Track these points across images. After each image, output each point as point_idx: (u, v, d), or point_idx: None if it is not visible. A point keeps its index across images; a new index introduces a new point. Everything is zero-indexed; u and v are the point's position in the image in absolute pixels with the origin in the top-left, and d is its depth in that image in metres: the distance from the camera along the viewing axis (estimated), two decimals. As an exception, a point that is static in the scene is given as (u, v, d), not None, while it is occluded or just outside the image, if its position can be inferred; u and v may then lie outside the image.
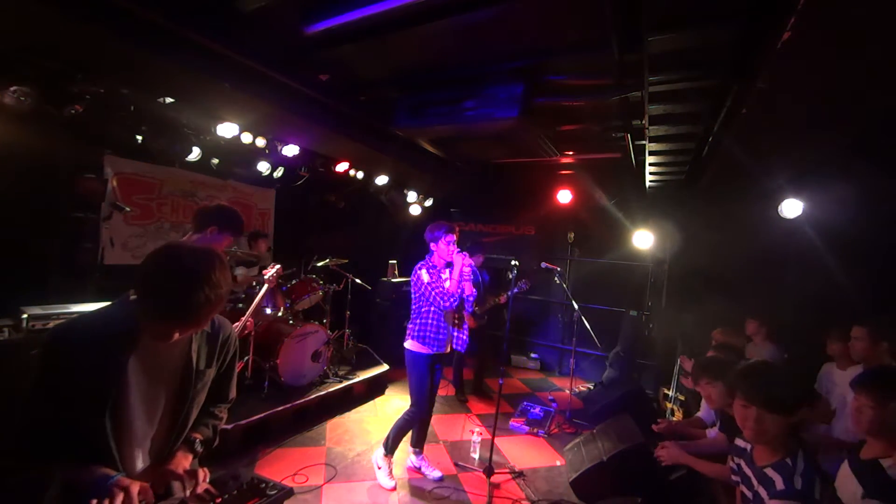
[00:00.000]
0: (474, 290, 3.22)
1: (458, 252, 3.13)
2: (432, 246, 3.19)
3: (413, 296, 3.21)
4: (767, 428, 1.60)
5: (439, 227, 3.17)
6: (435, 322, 3.12)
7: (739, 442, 1.89)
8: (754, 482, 1.66)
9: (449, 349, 3.23)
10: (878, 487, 1.55)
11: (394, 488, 3.19)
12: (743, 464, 1.77)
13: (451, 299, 3.06)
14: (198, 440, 1.48)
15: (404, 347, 3.20)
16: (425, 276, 3.11)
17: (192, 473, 1.38)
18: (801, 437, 1.67)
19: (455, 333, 3.22)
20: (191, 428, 1.48)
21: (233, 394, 1.67)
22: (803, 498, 1.45)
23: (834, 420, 2.75)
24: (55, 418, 1.20)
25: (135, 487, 1.20)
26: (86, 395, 1.20)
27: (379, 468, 3.28)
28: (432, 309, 3.13)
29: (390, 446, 3.28)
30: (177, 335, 1.22)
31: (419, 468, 3.44)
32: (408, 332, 3.21)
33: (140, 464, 1.34)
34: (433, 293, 3.07)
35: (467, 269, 3.16)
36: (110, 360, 1.22)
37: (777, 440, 1.62)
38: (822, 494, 1.46)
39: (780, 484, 1.51)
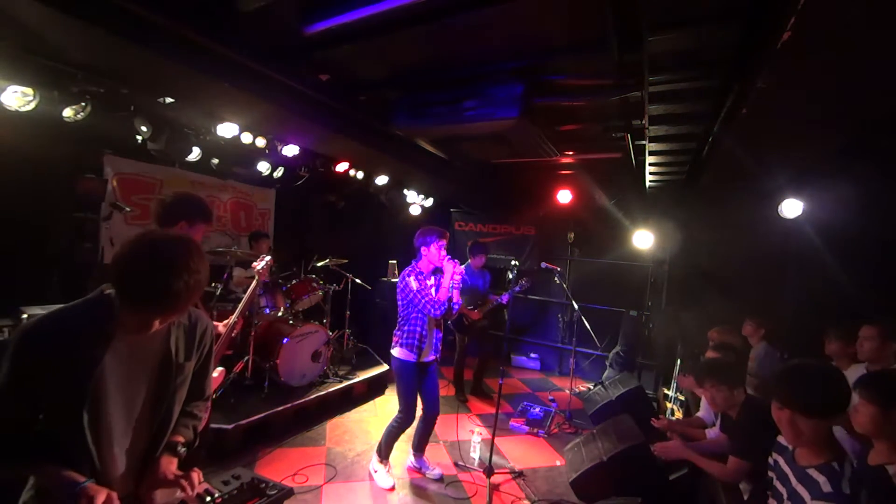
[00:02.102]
0: (460, 299, 3.20)
1: (449, 259, 3.11)
2: (423, 251, 3.17)
3: (400, 303, 3.17)
4: (802, 431, 1.57)
5: (431, 233, 3.15)
6: (421, 329, 3.11)
7: (781, 439, 1.86)
8: (792, 480, 1.64)
9: (433, 356, 3.23)
10: (883, 494, 1.54)
11: (392, 488, 3.19)
12: (782, 461, 1.75)
13: (441, 307, 3.05)
14: (179, 443, 1.44)
15: (391, 354, 3.18)
16: (413, 284, 3.09)
17: (185, 477, 1.35)
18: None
19: (436, 340, 3.22)
20: (172, 429, 1.43)
21: (209, 391, 1.63)
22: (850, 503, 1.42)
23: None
24: (23, 420, 1.17)
25: (101, 496, 1.16)
26: (61, 393, 1.17)
27: (376, 472, 3.29)
28: (420, 316, 3.11)
29: (383, 452, 3.29)
30: (157, 324, 1.22)
31: (419, 468, 3.45)
32: (394, 339, 3.19)
33: (120, 464, 1.30)
34: (423, 301, 3.05)
35: (457, 278, 3.12)
36: (85, 355, 1.19)
37: (819, 443, 1.58)
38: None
39: (826, 486, 1.48)
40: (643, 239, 5.32)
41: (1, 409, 1.16)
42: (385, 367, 5.21)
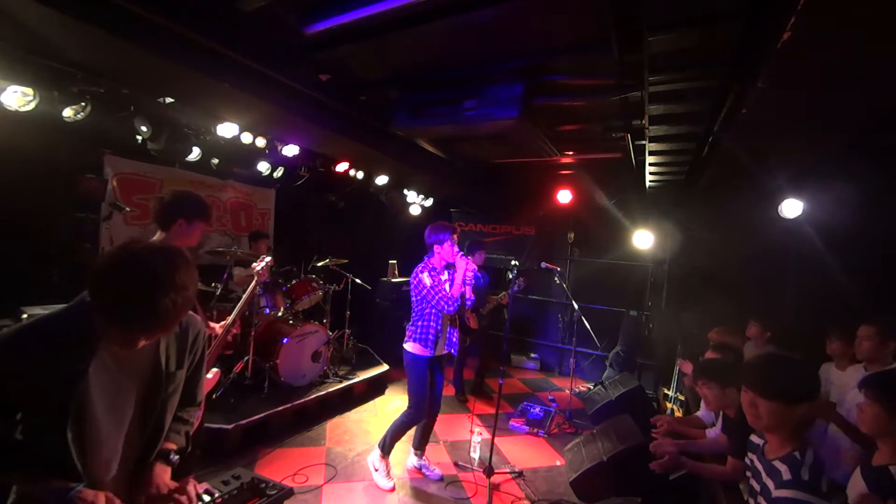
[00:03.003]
0: (473, 295, 3.21)
1: (462, 256, 3.12)
2: (436, 248, 3.16)
3: (414, 298, 3.19)
4: (760, 414, 1.61)
5: (444, 229, 3.15)
6: (436, 324, 3.12)
7: (754, 438, 1.91)
8: (763, 475, 1.66)
9: (447, 350, 3.24)
10: (888, 495, 1.54)
11: (392, 489, 3.19)
12: (755, 458, 1.79)
13: (455, 303, 3.05)
14: (172, 451, 1.40)
15: (404, 349, 3.19)
16: (427, 280, 3.09)
17: (180, 490, 1.32)
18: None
19: (450, 336, 3.23)
20: (164, 437, 1.39)
21: (201, 396, 1.57)
22: (809, 489, 1.45)
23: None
24: (9, 432, 1.12)
25: (100, 499, 1.12)
26: (43, 408, 1.11)
27: (376, 470, 3.27)
28: (433, 312, 3.11)
29: (387, 447, 3.27)
30: (143, 342, 1.13)
31: (420, 468, 3.45)
32: (408, 334, 3.20)
33: (109, 475, 1.24)
34: (437, 297, 3.05)
35: (470, 274, 3.14)
36: (67, 368, 1.11)
37: (781, 430, 1.61)
38: (829, 488, 1.47)
39: (786, 474, 1.52)
40: (643, 239, 5.32)
41: None
42: (385, 367, 5.22)
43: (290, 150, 4.67)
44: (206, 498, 1.43)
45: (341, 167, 5.37)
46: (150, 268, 1.05)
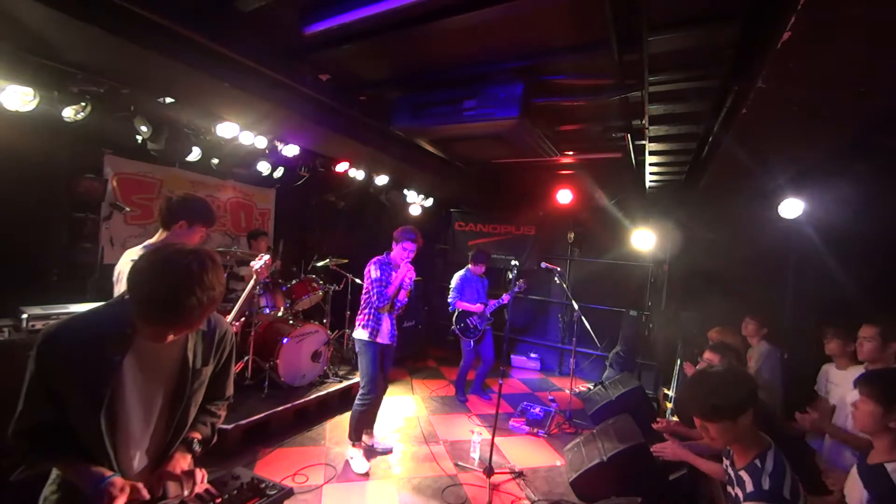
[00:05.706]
0: (406, 299, 3.56)
1: (407, 262, 3.47)
2: (395, 245, 3.49)
3: (364, 287, 3.54)
4: (714, 436, 1.60)
5: (410, 234, 3.45)
6: (378, 313, 3.45)
7: None
8: (735, 483, 1.67)
9: (389, 341, 3.49)
10: (883, 493, 1.54)
11: (367, 473, 3.31)
12: (728, 465, 1.80)
13: (385, 300, 3.40)
14: (195, 440, 1.48)
15: (354, 338, 3.48)
16: (374, 273, 3.47)
17: (189, 474, 1.38)
18: (777, 430, 1.66)
19: (391, 325, 3.53)
20: (189, 427, 1.47)
21: (230, 391, 1.67)
22: (772, 498, 1.45)
23: (833, 419, 2.75)
24: (50, 418, 1.21)
25: (127, 489, 1.21)
26: (80, 396, 1.20)
27: (352, 458, 3.39)
28: (375, 302, 3.45)
29: (354, 435, 3.47)
30: (171, 337, 1.22)
31: (371, 446, 3.63)
32: (357, 322, 3.49)
33: (137, 464, 1.33)
34: (375, 289, 3.41)
35: (408, 281, 3.50)
36: (104, 360, 1.22)
37: (740, 441, 1.60)
38: (792, 491, 1.45)
39: (749, 486, 1.51)
40: (643, 239, 5.32)
41: (31, 409, 1.21)
42: (385, 367, 5.21)
43: (290, 151, 4.67)
44: (207, 498, 1.43)
45: (341, 167, 5.37)
46: (181, 267, 1.14)
